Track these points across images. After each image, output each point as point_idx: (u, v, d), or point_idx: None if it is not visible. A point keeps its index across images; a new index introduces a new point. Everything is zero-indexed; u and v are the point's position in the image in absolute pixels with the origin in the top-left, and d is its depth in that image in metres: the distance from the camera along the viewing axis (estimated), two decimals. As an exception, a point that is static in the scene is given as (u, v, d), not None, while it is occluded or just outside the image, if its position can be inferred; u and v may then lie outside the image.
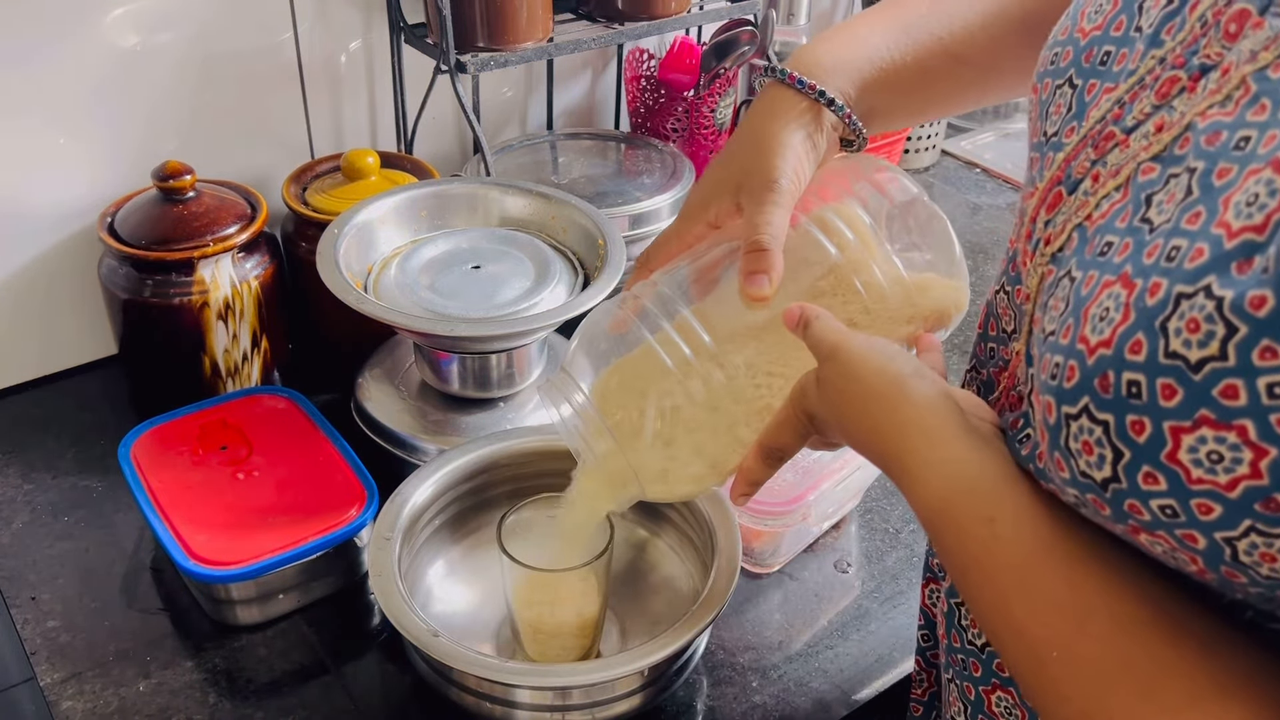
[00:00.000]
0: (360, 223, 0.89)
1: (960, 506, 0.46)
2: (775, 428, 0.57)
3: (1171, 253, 0.37)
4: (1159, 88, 0.42)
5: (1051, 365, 0.40)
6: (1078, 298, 0.41)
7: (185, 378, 0.93)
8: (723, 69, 1.15)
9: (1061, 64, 0.48)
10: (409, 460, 0.87)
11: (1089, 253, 0.42)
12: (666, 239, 0.66)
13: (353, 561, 0.81)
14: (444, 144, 1.16)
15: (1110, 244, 0.41)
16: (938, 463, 0.47)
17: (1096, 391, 0.38)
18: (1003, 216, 1.37)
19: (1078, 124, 0.46)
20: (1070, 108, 0.47)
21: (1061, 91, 0.48)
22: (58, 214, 0.96)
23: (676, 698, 0.74)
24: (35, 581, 0.81)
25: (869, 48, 0.63)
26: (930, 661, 0.68)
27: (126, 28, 0.93)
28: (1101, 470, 0.38)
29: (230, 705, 0.73)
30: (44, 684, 0.73)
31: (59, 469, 0.92)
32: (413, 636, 0.65)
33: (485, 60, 0.98)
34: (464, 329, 0.81)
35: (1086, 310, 0.39)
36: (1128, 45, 0.45)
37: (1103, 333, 0.38)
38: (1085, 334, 0.39)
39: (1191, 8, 0.42)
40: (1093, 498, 0.40)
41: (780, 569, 0.85)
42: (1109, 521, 0.40)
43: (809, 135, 0.62)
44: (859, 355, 0.51)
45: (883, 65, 0.63)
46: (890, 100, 0.64)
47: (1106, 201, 0.42)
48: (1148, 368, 0.36)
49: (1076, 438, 0.39)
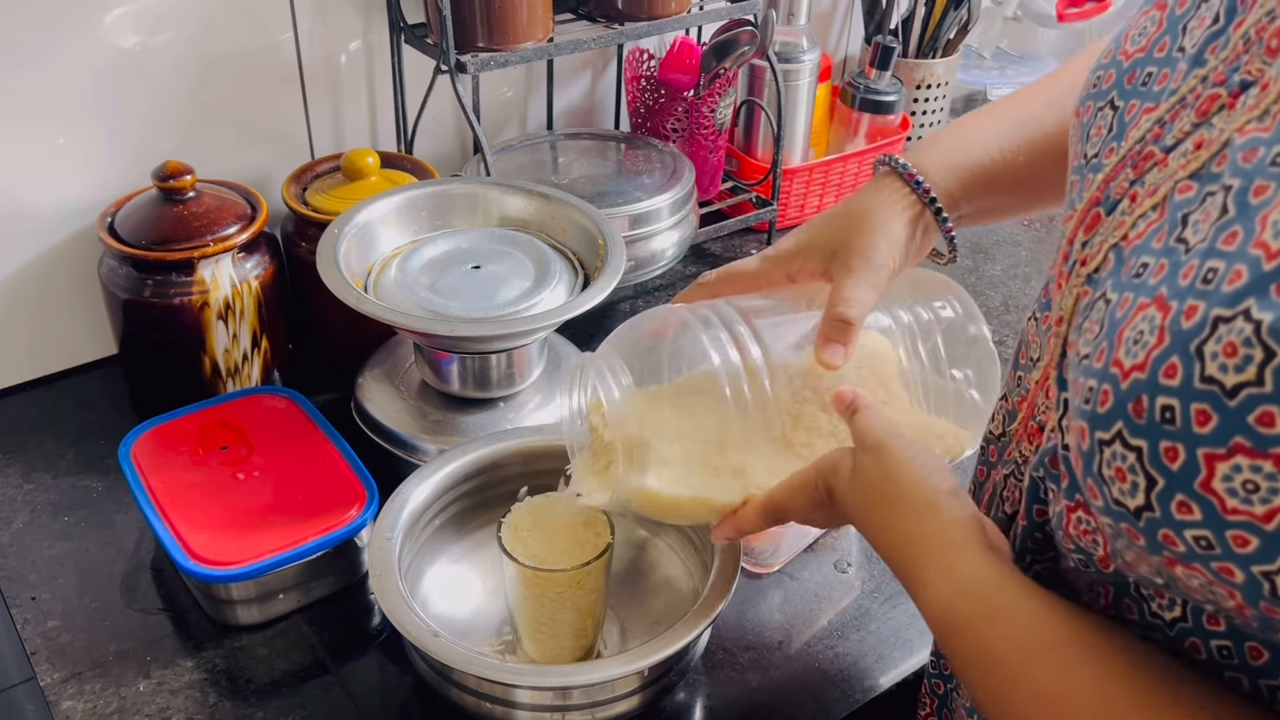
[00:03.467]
0: (360, 223, 0.89)
1: (968, 612, 0.47)
2: (791, 489, 0.58)
3: (1208, 274, 0.36)
4: (1200, 105, 0.41)
5: (1085, 389, 0.40)
6: (1113, 320, 0.40)
7: (185, 378, 0.93)
8: (723, 69, 1.15)
9: (1104, 86, 0.48)
10: (409, 460, 0.87)
11: (1125, 274, 0.41)
12: (740, 273, 0.67)
13: (353, 561, 0.81)
14: (444, 144, 1.16)
15: (1146, 265, 0.40)
16: (954, 570, 0.48)
17: (1130, 416, 0.37)
18: (1003, 216, 1.37)
19: (1117, 144, 0.45)
20: (1110, 129, 0.46)
21: (1102, 113, 0.47)
22: (58, 214, 0.96)
23: (676, 698, 0.74)
24: (35, 581, 0.81)
25: (981, 148, 0.64)
26: (934, 690, 0.68)
27: (126, 27, 0.93)
28: (1134, 498, 0.37)
29: (230, 705, 0.73)
30: (44, 684, 0.73)
31: (59, 469, 0.92)
32: (413, 637, 0.65)
33: (485, 60, 0.98)
34: (464, 329, 0.81)
35: (1121, 333, 0.39)
36: (1169, 65, 0.44)
37: (1137, 356, 0.37)
38: (1119, 357, 0.38)
39: (1236, 25, 0.41)
40: (1127, 527, 0.39)
41: (780, 569, 0.85)
42: (1145, 552, 0.39)
43: (912, 232, 0.63)
44: (903, 460, 0.53)
45: (992, 165, 0.64)
46: (999, 200, 0.66)
47: (1143, 221, 0.42)
48: (1182, 392, 0.35)
49: (1109, 464, 0.38)
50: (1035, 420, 0.51)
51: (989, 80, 1.57)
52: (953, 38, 1.38)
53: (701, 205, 1.21)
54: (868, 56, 1.31)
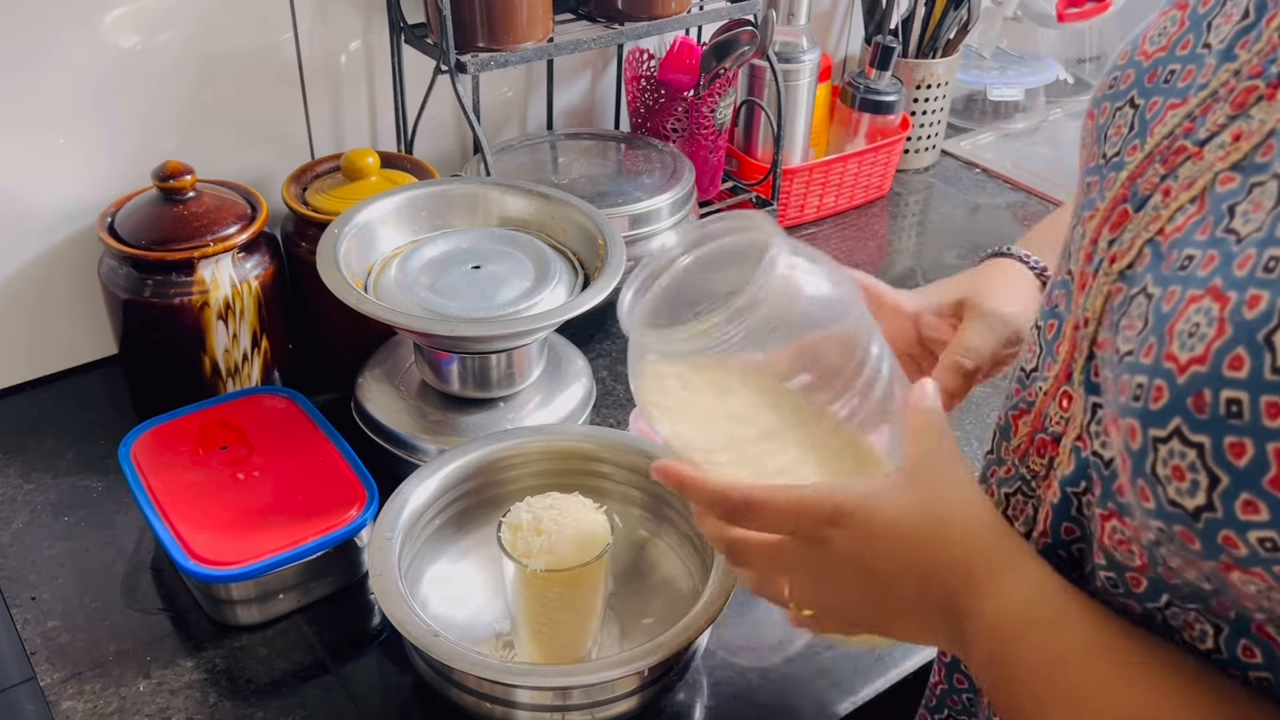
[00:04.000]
0: (360, 223, 0.89)
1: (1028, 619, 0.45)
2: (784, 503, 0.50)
3: (1270, 263, 0.35)
4: (1234, 99, 0.41)
5: (1133, 386, 0.39)
6: (1159, 314, 0.39)
7: (185, 378, 0.93)
8: (723, 69, 1.15)
9: (1122, 86, 0.48)
10: (409, 460, 0.87)
11: (1166, 268, 0.40)
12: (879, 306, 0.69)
13: (353, 561, 0.81)
14: (444, 144, 1.16)
15: (1191, 257, 0.39)
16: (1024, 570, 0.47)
17: (1190, 412, 0.36)
18: (1002, 216, 1.37)
19: (1140, 142, 0.45)
20: (1132, 127, 0.46)
21: (1122, 113, 0.47)
22: (58, 214, 0.96)
23: (676, 698, 0.74)
24: (35, 581, 0.81)
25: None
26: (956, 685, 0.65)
27: (126, 27, 0.93)
28: (1194, 497, 0.36)
29: (230, 705, 0.73)
30: (44, 684, 0.73)
31: (59, 469, 0.92)
32: (413, 637, 0.65)
33: (485, 60, 0.98)
34: (464, 329, 0.81)
35: (1172, 326, 0.38)
36: (1194, 62, 0.44)
37: (1194, 349, 0.36)
38: (1173, 351, 0.37)
39: (1269, 20, 0.41)
40: (1181, 530, 0.37)
41: (780, 569, 0.85)
42: (1198, 557, 0.38)
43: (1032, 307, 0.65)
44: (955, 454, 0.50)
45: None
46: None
47: (1181, 214, 0.41)
48: (1250, 385, 0.34)
49: (1165, 462, 0.37)
50: (1047, 433, 0.50)
51: (989, 80, 1.57)
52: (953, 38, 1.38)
53: (701, 205, 1.21)
54: (868, 56, 1.31)
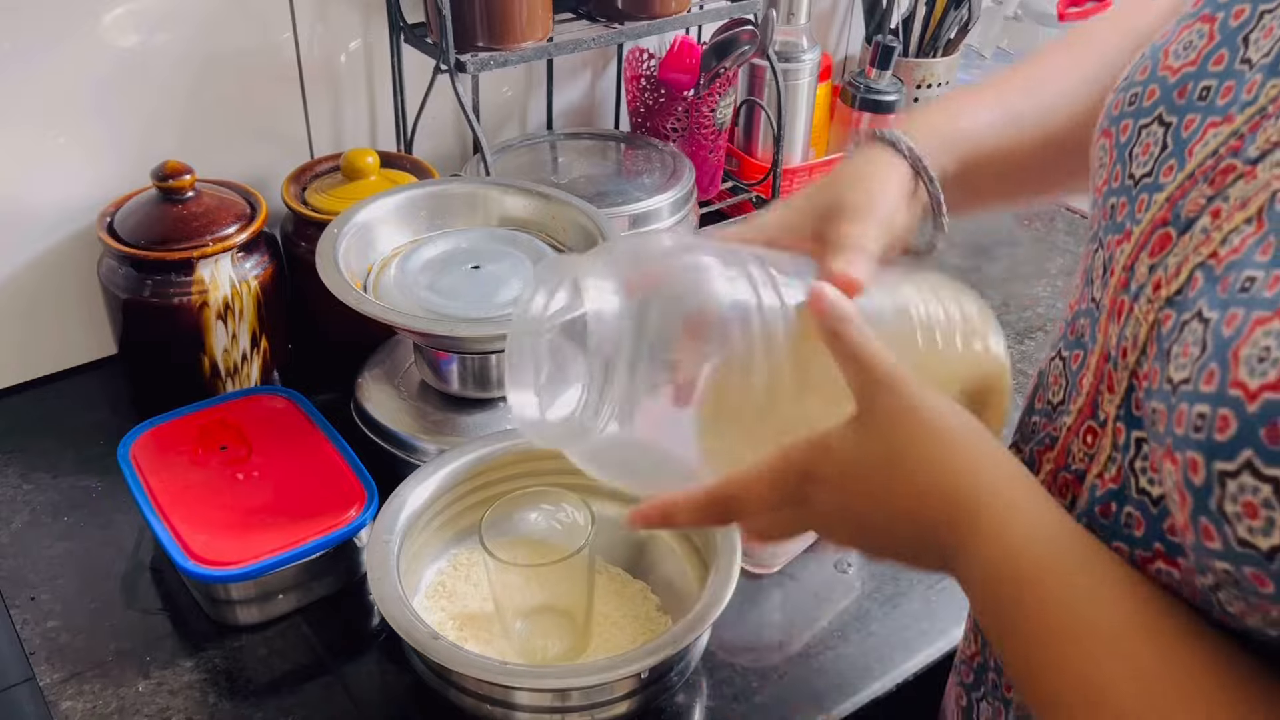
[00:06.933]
0: (360, 223, 0.89)
1: (1046, 560, 0.42)
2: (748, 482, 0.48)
3: None
4: None
5: (1193, 416, 0.37)
6: (1219, 339, 0.37)
7: (185, 378, 0.93)
8: (723, 69, 1.15)
9: (1146, 103, 0.46)
10: (409, 460, 0.87)
11: (1223, 291, 0.38)
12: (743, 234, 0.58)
13: (352, 561, 0.81)
14: (444, 144, 1.16)
15: (1253, 279, 0.37)
16: (1024, 508, 0.43)
17: (1263, 443, 0.34)
18: (1002, 216, 1.37)
19: (1177, 162, 0.43)
20: (1164, 146, 0.44)
21: (1149, 131, 0.45)
22: (57, 214, 0.96)
23: (676, 699, 0.74)
24: (35, 581, 0.81)
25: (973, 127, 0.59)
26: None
27: (126, 27, 0.93)
28: (1270, 537, 0.34)
29: (230, 705, 0.73)
30: (44, 684, 0.73)
31: (59, 469, 0.92)
32: (412, 639, 0.65)
33: (485, 60, 0.98)
34: (464, 329, 0.81)
35: (1237, 351, 0.36)
36: (1234, 78, 0.42)
37: (1266, 375, 0.34)
38: (1241, 378, 0.35)
39: None
40: (1252, 571, 0.35)
41: (780, 569, 0.85)
42: (1268, 601, 0.35)
43: (905, 200, 0.57)
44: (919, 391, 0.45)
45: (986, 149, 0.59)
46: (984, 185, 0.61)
47: (1236, 236, 0.39)
48: None
49: (1234, 499, 0.35)
50: (1070, 470, 0.48)
51: (989, 80, 1.57)
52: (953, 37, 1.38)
53: (701, 205, 1.21)
54: (868, 56, 1.31)
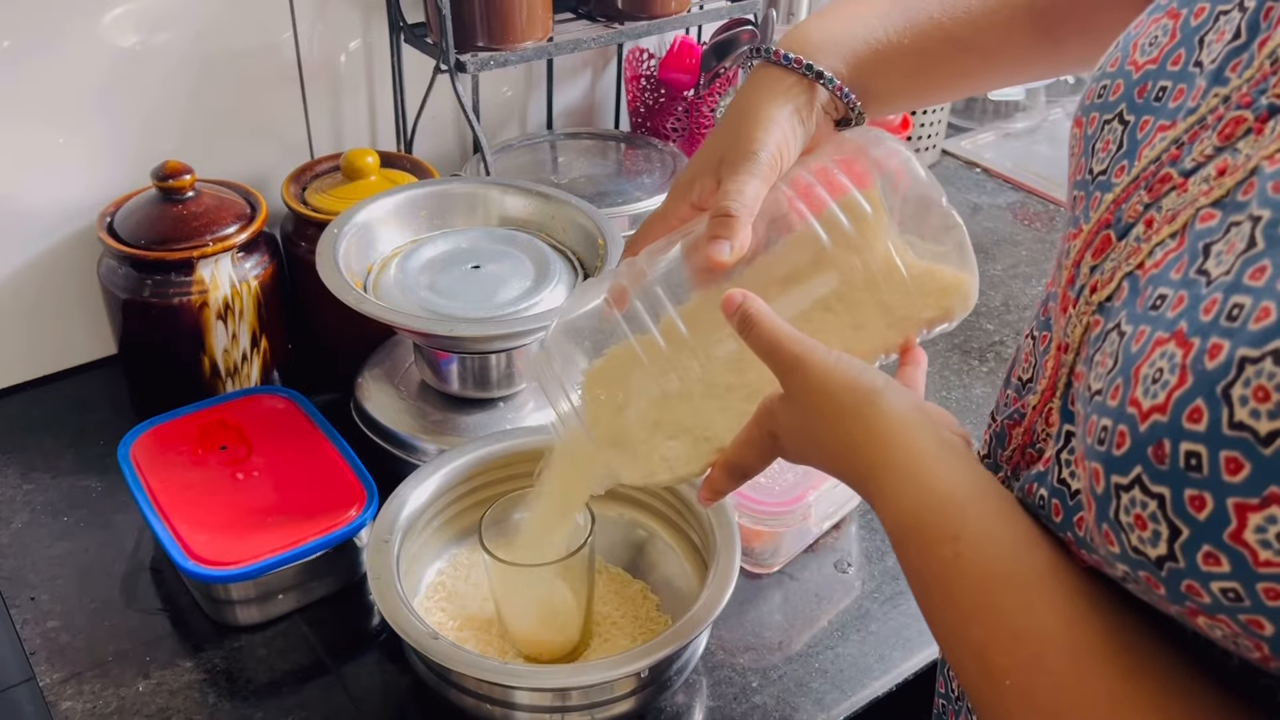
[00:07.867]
0: (360, 223, 0.89)
1: (928, 523, 0.44)
2: (739, 446, 0.56)
3: (1233, 311, 0.33)
4: (1222, 129, 0.38)
5: (1099, 429, 0.37)
6: (1128, 355, 0.37)
7: (185, 378, 0.93)
8: (723, 69, 1.15)
9: (1110, 98, 0.45)
10: (409, 460, 0.87)
11: (1140, 305, 0.38)
12: (653, 221, 0.63)
13: (352, 561, 0.81)
14: (444, 144, 1.16)
15: (1164, 296, 0.37)
16: (912, 477, 0.46)
17: (1150, 462, 0.34)
18: (1003, 216, 1.37)
19: (1128, 163, 0.43)
20: (1120, 145, 0.43)
21: (1110, 127, 0.44)
22: (57, 214, 0.96)
23: (676, 699, 0.74)
24: (35, 581, 0.81)
25: (863, 26, 0.61)
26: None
27: (126, 27, 0.93)
28: (1156, 547, 0.35)
29: (230, 705, 0.73)
30: (44, 684, 0.73)
31: (59, 469, 0.92)
32: (412, 639, 0.65)
33: (485, 60, 0.98)
34: (464, 329, 0.81)
35: (1137, 370, 0.36)
36: (1186, 81, 0.41)
37: (1157, 396, 0.34)
38: (1136, 396, 0.35)
39: (1260, 44, 0.38)
40: (1146, 575, 0.36)
41: (780, 569, 0.85)
42: (1163, 602, 0.37)
43: (796, 110, 0.59)
44: (827, 369, 0.49)
45: (878, 45, 0.61)
46: (886, 82, 0.62)
47: (1160, 249, 0.39)
48: (1209, 438, 0.33)
49: (1128, 510, 0.36)
50: (1034, 447, 0.48)
51: (989, 80, 1.57)
52: (953, 37, 1.38)
53: (701, 205, 1.21)
54: (868, 56, 1.31)
